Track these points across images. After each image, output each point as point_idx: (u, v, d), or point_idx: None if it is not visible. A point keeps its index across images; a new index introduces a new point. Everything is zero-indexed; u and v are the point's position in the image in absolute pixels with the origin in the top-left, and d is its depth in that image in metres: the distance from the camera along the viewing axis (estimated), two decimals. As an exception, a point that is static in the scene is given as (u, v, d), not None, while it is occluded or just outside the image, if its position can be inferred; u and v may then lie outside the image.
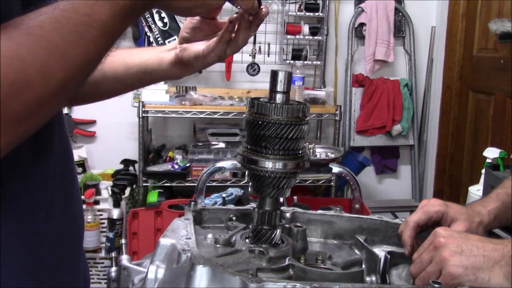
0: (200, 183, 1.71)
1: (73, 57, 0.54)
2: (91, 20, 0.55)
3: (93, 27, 0.56)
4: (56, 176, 0.69)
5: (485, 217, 0.95)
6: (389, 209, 3.45)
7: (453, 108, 3.51)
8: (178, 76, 0.94)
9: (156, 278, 0.75)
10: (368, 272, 0.84)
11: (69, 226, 0.73)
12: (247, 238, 0.85)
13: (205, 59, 0.87)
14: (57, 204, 0.69)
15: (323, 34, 3.37)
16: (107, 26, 0.57)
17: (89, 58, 0.57)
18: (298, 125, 0.77)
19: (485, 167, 2.00)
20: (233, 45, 0.84)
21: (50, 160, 0.67)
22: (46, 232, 0.67)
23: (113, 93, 0.96)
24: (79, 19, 0.55)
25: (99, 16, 0.56)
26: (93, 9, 0.55)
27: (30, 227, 0.64)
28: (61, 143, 0.71)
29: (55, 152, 0.68)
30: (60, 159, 0.70)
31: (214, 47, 0.84)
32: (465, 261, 0.74)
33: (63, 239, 0.71)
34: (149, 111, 2.98)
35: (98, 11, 0.56)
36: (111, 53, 0.64)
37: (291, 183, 0.81)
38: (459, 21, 3.42)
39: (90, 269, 2.87)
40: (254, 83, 3.38)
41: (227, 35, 0.83)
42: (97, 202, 2.87)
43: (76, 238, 0.77)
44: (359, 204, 1.83)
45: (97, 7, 0.56)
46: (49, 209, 0.67)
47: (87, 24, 0.55)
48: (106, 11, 0.56)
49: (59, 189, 0.70)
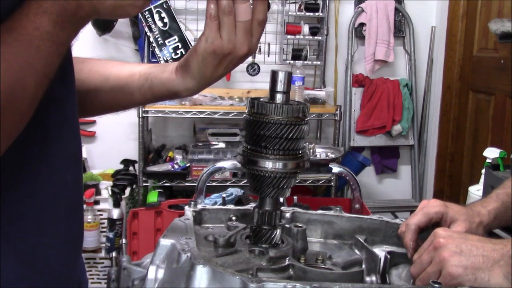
0: (200, 183, 1.71)
1: (38, 69, 0.57)
2: (41, 33, 0.57)
3: (44, 39, 0.57)
4: (55, 186, 0.69)
5: (485, 218, 0.95)
6: (389, 209, 3.45)
7: (453, 108, 3.51)
8: (178, 85, 0.84)
9: (156, 278, 0.75)
10: (368, 272, 0.84)
11: (71, 234, 0.73)
12: (247, 238, 0.85)
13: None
14: (54, 211, 0.69)
15: (323, 34, 3.37)
16: (53, 35, 0.58)
17: (50, 68, 0.59)
18: (298, 125, 0.77)
19: (485, 167, 2.00)
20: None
21: (51, 165, 0.67)
22: (44, 240, 0.67)
23: (115, 104, 0.92)
24: (31, 33, 0.57)
25: (44, 28, 0.57)
26: (37, 23, 0.57)
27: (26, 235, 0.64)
28: (68, 149, 0.71)
29: (56, 157, 0.68)
30: (66, 166, 0.70)
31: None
32: (464, 261, 0.75)
33: (63, 246, 0.71)
34: (149, 111, 2.98)
35: (41, 23, 0.57)
36: (118, 62, 0.65)
37: (291, 183, 0.81)
38: (459, 21, 3.42)
39: (90, 269, 2.87)
40: (254, 83, 3.38)
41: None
42: (97, 202, 2.87)
43: (75, 245, 0.77)
44: (359, 204, 1.83)
45: (38, 19, 0.57)
46: (50, 217, 0.68)
47: (38, 37, 0.57)
48: (47, 21, 0.58)
49: (64, 196, 0.70)
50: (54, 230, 0.69)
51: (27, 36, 0.56)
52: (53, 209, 0.68)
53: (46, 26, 0.57)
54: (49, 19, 0.58)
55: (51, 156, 0.67)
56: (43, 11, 0.57)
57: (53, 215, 0.68)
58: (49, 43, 0.58)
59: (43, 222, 0.67)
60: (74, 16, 0.60)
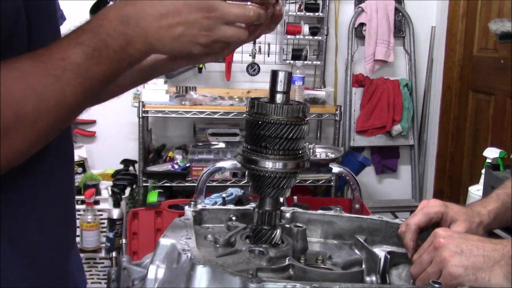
0: (200, 183, 1.71)
1: (47, 98, 0.56)
2: (66, 64, 0.57)
3: (69, 70, 0.57)
4: (54, 186, 0.69)
5: (485, 218, 0.95)
6: (389, 209, 3.45)
7: (453, 108, 3.51)
8: (167, 64, 0.84)
9: (156, 278, 0.75)
10: (368, 272, 0.84)
11: (68, 233, 0.74)
12: (247, 238, 0.84)
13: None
14: (54, 211, 0.69)
15: (323, 34, 3.37)
16: (80, 68, 0.57)
17: (66, 100, 0.58)
18: (298, 125, 0.77)
19: (485, 167, 2.00)
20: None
21: (45, 167, 0.67)
22: (45, 240, 0.67)
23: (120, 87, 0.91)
24: (54, 63, 0.56)
25: (73, 59, 0.57)
26: (66, 53, 0.57)
27: (28, 236, 0.64)
28: (62, 148, 0.71)
29: (51, 158, 0.68)
30: (60, 167, 0.70)
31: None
32: (465, 261, 0.75)
33: (61, 245, 0.71)
34: (149, 111, 2.98)
35: (71, 54, 0.57)
36: None
37: (291, 183, 0.81)
38: (459, 21, 3.42)
39: (90, 269, 2.87)
40: (254, 83, 3.38)
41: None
42: (97, 202, 2.87)
43: (72, 243, 0.77)
44: (359, 204, 1.83)
45: (70, 50, 0.57)
46: (51, 217, 0.68)
47: (61, 68, 0.56)
48: (79, 53, 0.57)
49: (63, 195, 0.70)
50: (54, 230, 0.69)
51: (48, 64, 0.56)
52: (53, 209, 0.68)
53: (76, 58, 0.57)
54: (82, 51, 0.57)
55: (50, 156, 0.67)
56: (78, 43, 0.57)
57: (53, 215, 0.68)
58: (73, 75, 0.57)
59: (45, 222, 0.67)
60: (120, 53, 0.59)
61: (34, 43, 0.61)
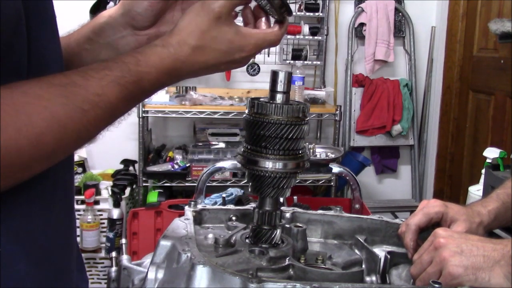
0: (200, 183, 1.71)
1: (70, 131, 0.56)
2: (99, 100, 0.56)
3: (99, 107, 0.57)
4: (58, 187, 0.69)
5: (485, 218, 0.95)
6: (389, 209, 3.45)
7: (453, 108, 3.51)
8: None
9: (156, 278, 0.75)
10: (368, 272, 0.84)
11: (70, 233, 0.74)
12: (247, 238, 0.85)
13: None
14: (57, 211, 0.69)
15: (323, 34, 3.37)
16: (112, 107, 0.58)
17: (87, 134, 0.58)
18: (298, 125, 0.77)
19: (485, 167, 2.00)
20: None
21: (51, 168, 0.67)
22: (50, 240, 0.67)
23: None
24: (88, 97, 0.56)
25: (108, 97, 0.57)
26: (103, 90, 0.57)
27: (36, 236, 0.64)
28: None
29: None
30: (61, 167, 0.70)
31: None
32: (465, 261, 0.75)
33: (65, 245, 0.71)
34: (149, 111, 2.98)
35: (108, 92, 0.57)
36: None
37: (291, 183, 0.81)
38: (459, 21, 3.42)
39: (90, 269, 2.87)
40: (254, 83, 3.38)
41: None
42: (97, 202, 2.87)
43: (74, 242, 0.77)
44: (359, 204, 1.83)
45: (108, 88, 0.57)
46: (57, 218, 0.68)
47: (94, 103, 0.56)
48: (116, 93, 0.58)
49: (67, 195, 0.71)
50: (57, 229, 0.69)
51: (79, 96, 0.55)
52: (56, 209, 0.68)
53: (112, 97, 0.58)
54: (120, 92, 0.58)
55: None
56: (119, 83, 0.58)
57: (56, 215, 0.68)
58: (102, 112, 0.57)
59: (49, 222, 0.67)
60: (150, 94, 0.62)
61: (33, 43, 0.61)
